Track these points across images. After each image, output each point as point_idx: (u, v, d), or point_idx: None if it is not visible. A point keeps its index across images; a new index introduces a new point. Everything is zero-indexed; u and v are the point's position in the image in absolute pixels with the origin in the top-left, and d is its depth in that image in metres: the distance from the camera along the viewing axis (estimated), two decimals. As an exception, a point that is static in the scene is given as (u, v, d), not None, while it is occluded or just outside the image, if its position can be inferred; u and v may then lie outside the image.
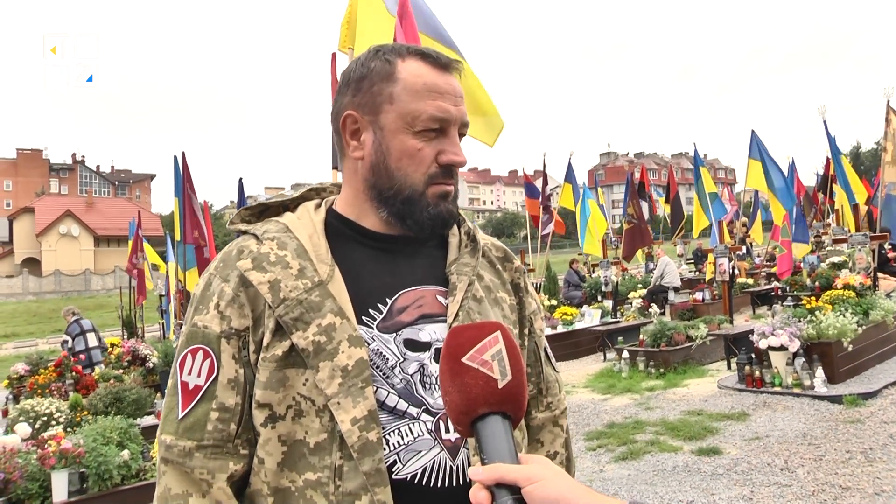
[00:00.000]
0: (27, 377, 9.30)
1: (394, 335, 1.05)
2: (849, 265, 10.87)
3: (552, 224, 16.37)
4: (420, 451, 1.01)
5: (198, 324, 1.05)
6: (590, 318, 12.00)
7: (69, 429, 5.77)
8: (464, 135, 1.13)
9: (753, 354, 7.26)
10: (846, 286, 9.30)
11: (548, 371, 1.27)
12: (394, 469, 0.99)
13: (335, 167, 4.06)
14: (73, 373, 8.86)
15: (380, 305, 1.06)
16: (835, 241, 13.03)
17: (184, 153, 9.97)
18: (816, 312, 7.44)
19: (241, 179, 10.45)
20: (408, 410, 1.02)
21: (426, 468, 1.00)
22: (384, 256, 1.11)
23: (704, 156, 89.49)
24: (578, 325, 11.67)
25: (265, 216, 1.21)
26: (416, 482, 1.00)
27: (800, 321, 7.22)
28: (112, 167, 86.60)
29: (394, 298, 1.07)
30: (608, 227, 22.32)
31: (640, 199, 18.59)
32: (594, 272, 17.78)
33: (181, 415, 1.02)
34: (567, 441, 1.30)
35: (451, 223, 1.15)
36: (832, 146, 13.46)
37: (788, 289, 12.83)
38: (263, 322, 1.02)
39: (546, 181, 16.47)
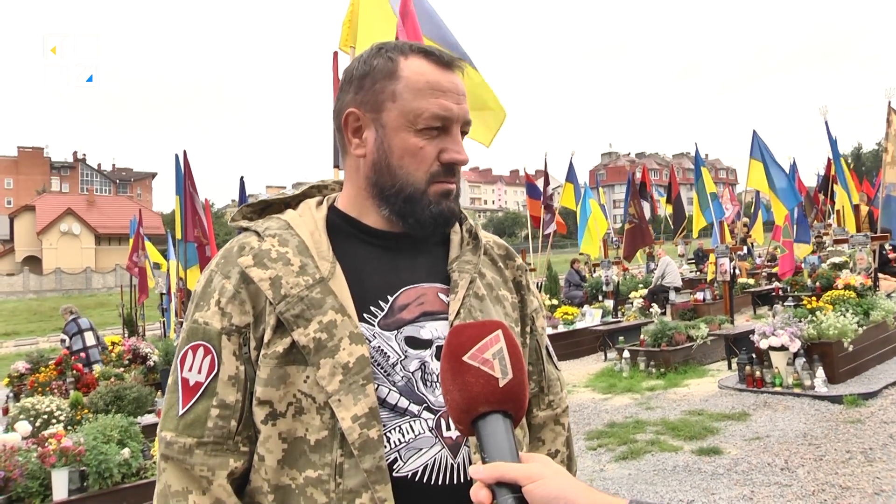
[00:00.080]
0: (28, 375, 9.32)
1: (395, 332, 1.05)
2: (849, 266, 10.86)
3: (554, 224, 16.36)
4: (421, 449, 1.00)
5: (199, 320, 1.05)
6: (591, 318, 12.00)
7: (70, 427, 5.77)
8: (466, 133, 1.12)
9: (754, 354, 7.26)
10: (847, 286, 9.30)
11: (549, 369, 1.26)
12: (395, 467, 0.98)
13: (336, 166, 4.05)
14: (74, 371, 8.86)
15: (381, 303, 1.06)
16: (836, 242, 13.01)
17: (185, 151, 9.98)
18: (817, 313, 7.44)
19: (243, 178, 10.47)
20: (409, 408, 1.01)
21: (427, 466, 1.00)
22: (386, 254, 1.11)
23: (706, 156, 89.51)
24: (579, 325, 11.68)
25: (267, 213, 1.20)
26: (417, 480, 0.99)
27: (800, 321, 7.22)
28: (113, 165, 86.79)
29: (395, 296, 1.07)
30: (609, 227, 22.30)
31: (642, 199, 18.58)
32: (595, 272, 17.80)
33: (181, 411, 1.02)
34: (568, 439, 1.29)
35: (453, 221, 1.14)
36: (833, 147, 13.42)
37: (789, 289, 12.82)
38: (264, 319, 1.02)
39: (548, 181, 16.46)
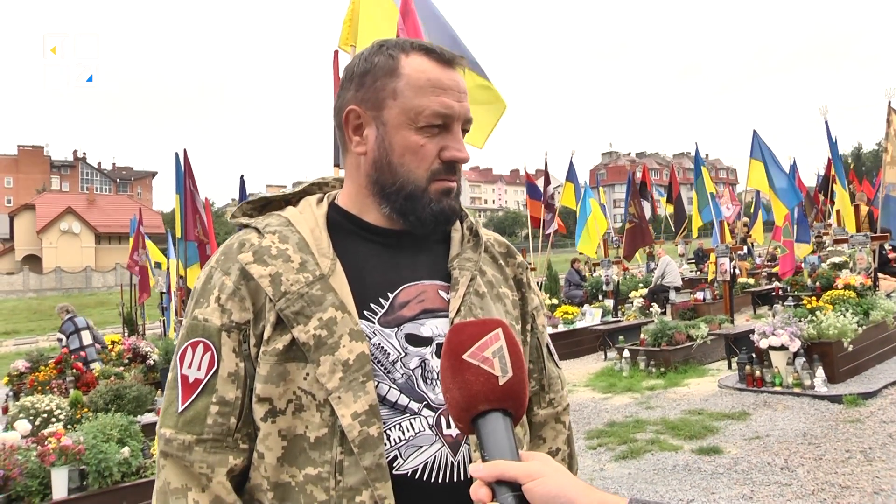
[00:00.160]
0: (27, 374, 9.32)
1: (395, 330, 1.04)
2: (849, 265, 10.86)
3: (555, 223, 16.37)
4: (421, 447, 1.00)
5: (198, 317, 1.05)
6: (591, 318, 12.00)
7: (69, 426, 5.76)
8: (467, 131, 1.12)
9: (754, 354, 7.26)
10: (847, 286, 9.30)
11: (550, 367, 1.26)
12: (394, 464, 0.98)
13: (337, 164, 4.05)
14: (74, 370, 8.86)
15: (381, 300, 1.06)
16: (836, 242, 13.02)
17: (185, 150, 10.00)
18: (817, 312, 7.44)
19: (243, 177, 10.44)
20: (409, 405, 1.01)
21: (427, 464, 1.00)
22: (386, 251, 1.11)
23: (706, 156, 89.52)
24: (579, 325, 11.67)
25: (267, 210, 1.20)
26: (417, 478, 0.99)
27: (800, 321, 7.22)
28: (113, 164, 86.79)
29: (395, 293, 1.07)
30: (609, 227, 22.30)
31: (642, 199, 18.59)
32: (595, 271, 17.80)
33: (181, 408, 1.02)
34: (569, 438, 1.29)
35: (454, 219, 1.14)
36: (832, 148, 13.40)
37: (789, 289, 12.82)
38: (264, 315, 1.01)
39: (548, 180, 16.47)
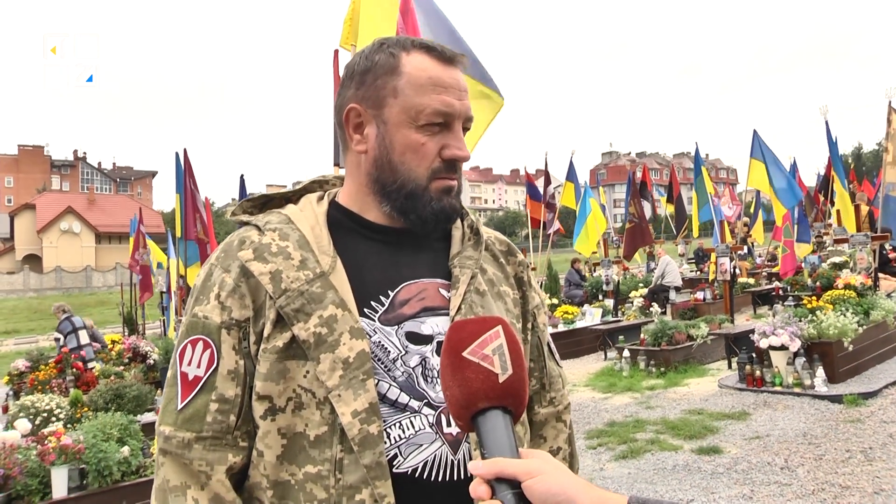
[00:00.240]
0: (27, 373, 9.32)
1: (395, 328, 1.04)
2: (850, 265, 10.86)
3: (557, 222, 16.39)
4: (421, 445, 1.00)
5: (198, 314, 1.04)
6: (591, 317, 12.00)
7: (69, 425, 5.75)
8: (468, 129, 1.11)
9: (754, 354, 7.25)
10: (847, 286, 9.29)
11: (551, 366, 1.26)
12: (395, 462, 0.98)
13: (337, 164, 4.05)
14: (74, 369, 8.86)
15: (382, 298, 1.05)
16: (836, 242, 13.00)
17: (185, 150, 9.99)
18: (817, 312, 7.43)
19: (243, 176, 10.45)
20: (409, 404, 1.01)
21: (427, 462, 0.99)
22: (387, 249, 1.10)
23: (706, 156, 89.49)
24: (579, 324, 11.67)
25: (267, 208, 1.20)
26: (417, 476, 0.99)
27: (800, 321, 7.21)
28: (114, 164, 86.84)
29: (396, 291, 1.06)
30: (609, 226, 22.30)
31: (642, 199, 18.60)
32: (595, 271, 17.81)
33: (180, 406, 1.01)
34: (570, 437, 1.29)
35: (454, 218, 1.14)
36: (832, 147, 13.37)
37: (789, 288, 12.81)
38: (264, 313, 1.01)
39: (549, 180, 16.49)
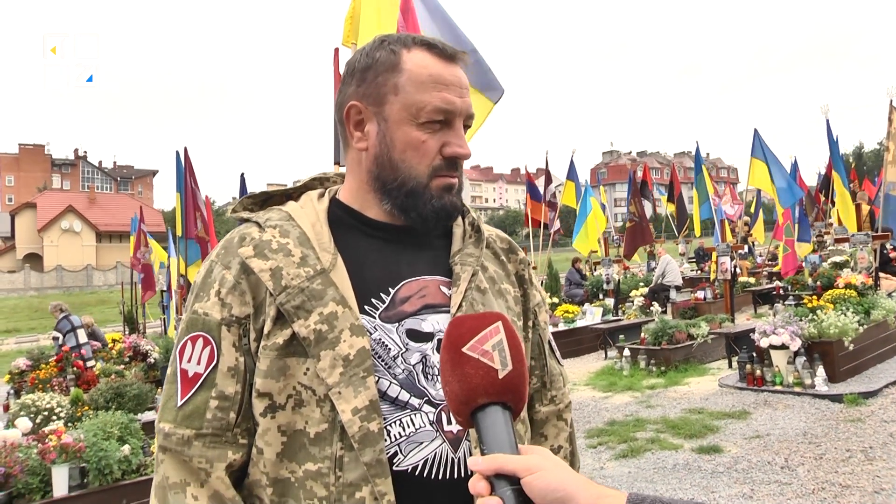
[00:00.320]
0: (28, 372, 9.33)
1: (396, 325, 1.04)
2: (850, 265, 10.85)
3: (557, 222, 16.42)
4: (421, 443, 0.99)
5: (198, 311, 1.04)
6: (591, 316, 12.00)
7: (70, 424, 5.76)
8: (469, 126, 1.11)
9: (754, 353, 7.25)
10: (848, 285, 9.28)
11: (552, 364, 1.26)
12: (395, 460, 0.97)
13: (337, 162, 4.04)
14: (75, 368, 8.87)
15: (382, 295, 1.05)
16: (837, 241, 12.99)
17: (185, 148, 10.01)
18: (818, 311, 7.43)
19: (243, 175, 10.46)
20: (409, 401, 1.01)
21: (427, 460, 0.99)
22: (388, 246, 1.10)
23: (706, 155, 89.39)
24: (580, 323, 11.67)
25: (268, 205, 1.19)
26: (418, 474, 0.98)
27: (801, 320, 7.21)
28: (114, 163, 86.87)
29: (397, 288, 1.06)
30: (609, 225, 22.30)
31: (643, 198, 18.60)
32: (596, 270, 17.81)
33: (180, 402, 1.01)
34: (571, 435, 1.28)
35: (455, 215, 1.13)
36: (833, 147, 13.35)
37: (790, 288, 12.80)
38: (264, 310, 1.01)
39: (549, 179, 16.49)
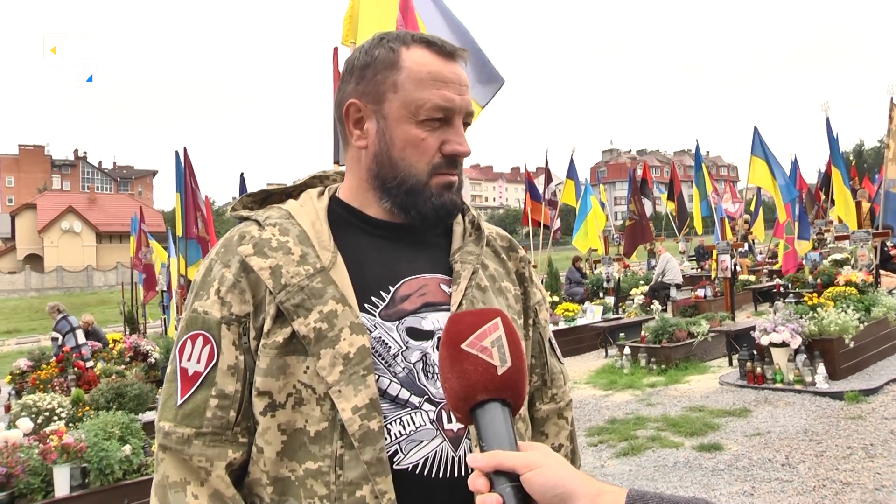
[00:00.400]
0: (29, 373, 9.34)
1: (396, 323, 1.03)
2: (851, 262, 10.85)
3: (558, 220, 16.44)
4: (422, 441, 0.99)
5: (198, 309, 1.04)
6: (591, 315, 12.00)
7: (71, 424, 5.77)
8: (469, 124, 1.11)
9: (755, 351, 7.25)
10: (848, 283, 9.28)
11: (552, 362, 1.25)
12: (395, 459, 0.97)
13: (336, 161, 4.04)
14: (75, 368, 8.88)
15: (382, 293, 1.05)
16: (837, 238, 12.99)
17: (185, 148, 10.01)
18: (818, 309, 7.43)
19: (243, 175, 10.45)
20: (410, 400, 1.00)
21: (428, 458, 0.99)
22: (388, 244, 1.10)
23: (706, 153, 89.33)
24: (580, 322, 11.68)
25: (268, 203, 1.19)
26: (418, 472, 0.98)
27: (801, 318, 7.21)
28: (114, 163, 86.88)
29: (397, 286, 1.06)
30: (609, 224, 22.30)
31: (643, 196, 18.59)
32: (596, 269, 17.82)
33: (180, 401, 1.01)
34: (572, 434, 1.28)
35: (455, 213, 1.13)
36: (833, 145, 13.33)
37: (790, 285, 12.80)
38: (264, 308, 1.00)
39: (549, 178, 16.50)
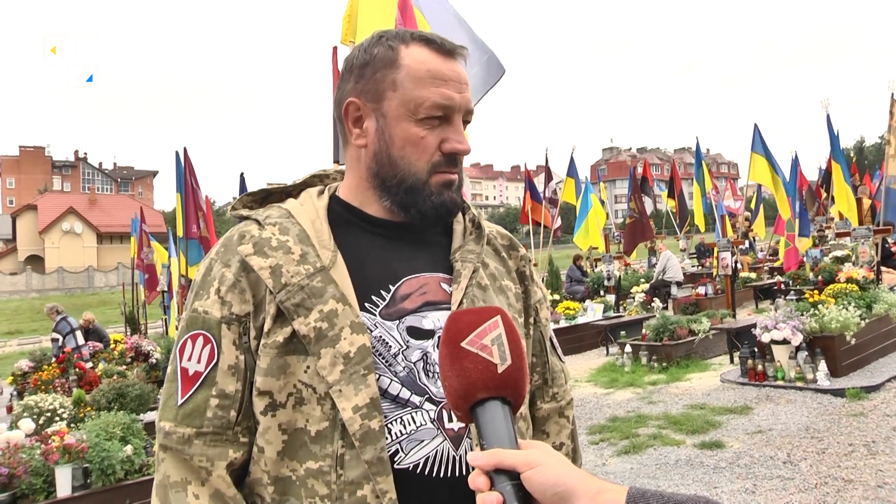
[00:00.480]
0: (31, 373, 9.36)
1: (397, 322, 1.03)
2: (852, 259, 10.85)
3: (560, 219, 16.46)
4: (423, 441, 0.99)
5: (198, 309, 1.03)
6: (592, 313, 12.01)
7: (73, 424, 5.78)
8: (468, 122, 1.10)
9: (756, 348, 7.25)
10: (849, 280, 9.28)
11: (553, 361, 1.25)
12: (396, 458, 0.97)
13: (336, 161, 4.04)
14: (77, 369, 8.89)
15: (383, 292, 1.04)
16: (838, 235, 12.98)
17: (185, 149, 10.02)
18: (819, 306, 7.43)
19: (243, 174, 10.45)
20: (410, 399, 1.00)
21: (429, 458, 0.99)
22: (388, 243, 1.10)
23: (707, 151, 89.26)
24: (581, 320, 11.69)
25: (268, 202, 1.19)
26: (419, 472, 0.98)
27: (803, 315, 7.20)
28: (114, 164, 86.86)
29: (397, 285, 1.05)
30: (609, 221, 22.30)
31: (644, 194, 18.58)
32: (597, 267, 17.82)
33: (180, 401, 1.00)
34: (573, 432, 1.28)
35: (455, 212, 1.13)
36: (833, 141, 13.30)
37: (791, 283, 12.80)
38: (264, 308, 1.00)
39: (550, 176, 16.51)
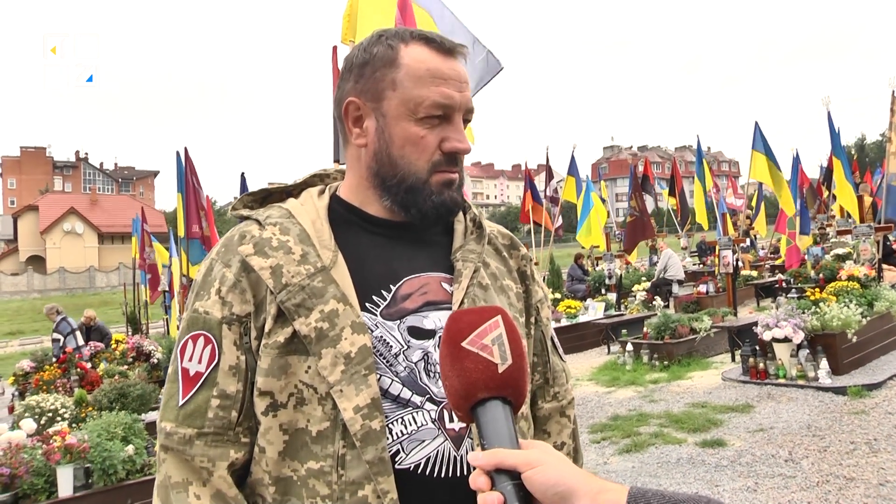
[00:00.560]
0: (32, 374, 9.37)
1: (397, 322, 1.03)
2: (853, 257, 10.84)
3: (561, 218, 16.48)
4: (424, 441, 0.99)
5: (199, 309, 1.03)
6: (594, 312, 12.01)
7: (74, 424, 5.79)
8: (469, 121, 1.10)
9: (757, 346, 7.25)
10: (851, 277, 9.27)
11: (555, 360, 1.25)
12: (397, 458, 0.97)
13: (336, 161, 4.04)
14: (78, 369, 8.90)
15: (383, 292, 1.04)
16: (839, 233, 12.98)
17: (186, 148, 10.02)
18: (821, 304, 7.43)
19: (244, 174, 10.47)
20: (411, 399, 1.00)
21: (430, 458, 0.99)
22: (389, 243, 1.09)
23: (708, 149, 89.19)
24: (582, 319, 11.69)
25: (268, 202, 1.19)
26: (420, 472, 0.98)
27: (804, 313, 7.20)
28: (115, 164, 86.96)
29: (398, 285, 1.05)
30: (610, 220, 22.31)
31: (645, 193, 18.58)
32: (598, 265, 17.83)
33: (181, 402, 1.00)
34: (574, 432, 1.27)
35: (456, 211, 1.12)
36: (834, 138, 13.28)
37: (792, 280, 12.79)
38: (265, 308, 1.00)
39: (551, 174, 16.52)
